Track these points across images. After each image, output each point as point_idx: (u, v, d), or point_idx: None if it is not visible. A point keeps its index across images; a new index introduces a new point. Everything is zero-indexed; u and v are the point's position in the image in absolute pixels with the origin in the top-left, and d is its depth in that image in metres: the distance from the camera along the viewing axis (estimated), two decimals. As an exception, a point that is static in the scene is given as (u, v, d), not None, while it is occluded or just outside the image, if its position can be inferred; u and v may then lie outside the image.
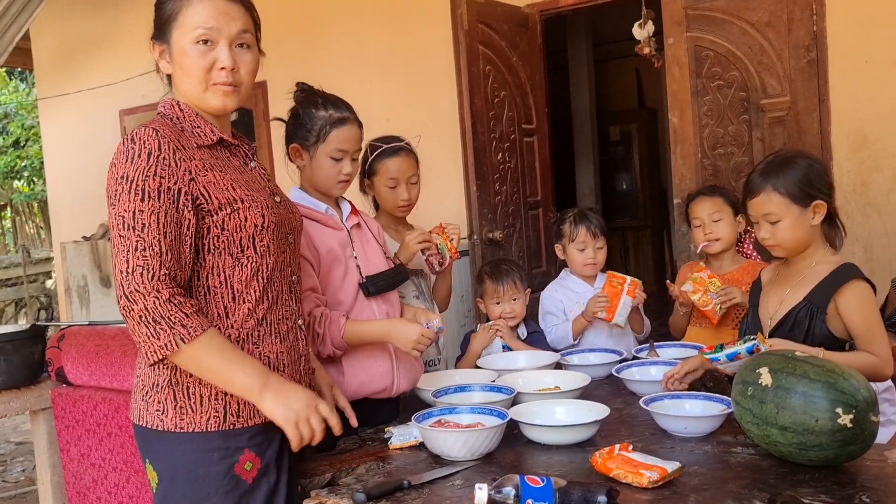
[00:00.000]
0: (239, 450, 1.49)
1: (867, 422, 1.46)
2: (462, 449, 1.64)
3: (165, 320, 1.36)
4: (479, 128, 3.87)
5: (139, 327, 1.37)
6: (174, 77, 1.56)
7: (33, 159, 11.53)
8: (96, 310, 5.58)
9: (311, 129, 1.97)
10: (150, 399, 1.49)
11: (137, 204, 1.37)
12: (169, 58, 1.54)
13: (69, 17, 6.44)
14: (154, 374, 1.48)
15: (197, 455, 1.47)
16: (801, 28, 3.60)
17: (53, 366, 2.68)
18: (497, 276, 2.67)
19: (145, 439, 1.53)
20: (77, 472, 2.65)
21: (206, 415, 1.47)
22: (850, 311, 1.89)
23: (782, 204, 1.91)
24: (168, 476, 1.50)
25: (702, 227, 2.66)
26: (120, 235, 1.37)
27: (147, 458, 1.54)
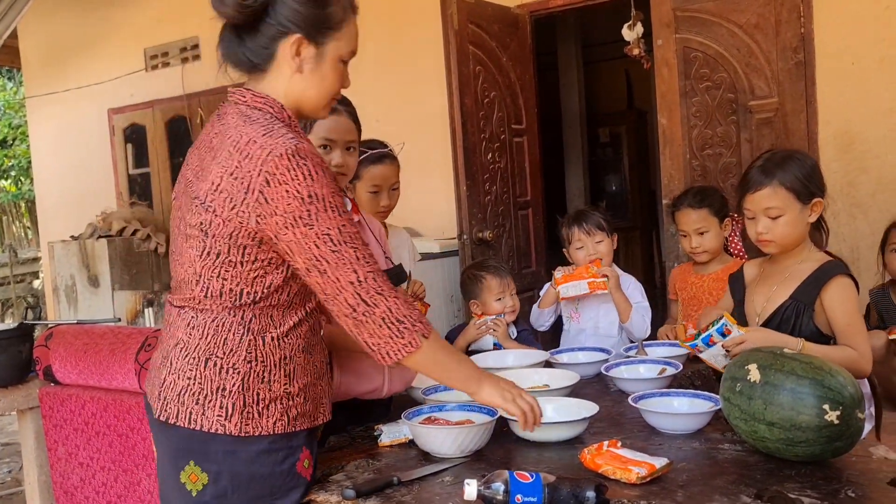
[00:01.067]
0: (299, 448, 1.51)
1: (853, 418, 1.48)
2: (452, 446, 1.64)
3: (407, 319, 1.40)
4: (469, 128, 3.88)
5: (380, 329, 1.39)
6: (298, 79, 1.48)
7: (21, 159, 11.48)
8: (84, 309, 5.55)
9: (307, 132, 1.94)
10: (211, 403, 1.44)
11: (337, 219, 1.37)
12: (307, 59, 1.46)
13: (57, 15, 6.41)
14: (220, 378, 1.44)
15: (262, 455, 1.46)
16: (788, 30, 3.63)
17: (41, 365, 2.67)
18: (498, 271, 2.73)
19: (195, 442, 1.46)
20: (64, 471, 2.64)
21: (273, 418, 1.46)
22: (832, 305, 1.90)
23: (786, 199, 1.92)
24: (226, 476, 1.46)
25: (688, 237, 2.70)
26: (333, 251, 1.37)
27: (192, 460, 1.47)
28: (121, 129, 6.28)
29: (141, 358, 2.37)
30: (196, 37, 5.76)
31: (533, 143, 4.42)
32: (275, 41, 1.45)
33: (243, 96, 1.48)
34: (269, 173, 1.34)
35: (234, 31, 1.47)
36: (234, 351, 1.45)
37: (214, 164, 1.42)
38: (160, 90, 5.95)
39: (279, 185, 1.34)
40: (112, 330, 2.61)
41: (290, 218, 1.35)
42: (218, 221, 1.39)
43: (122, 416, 2.43)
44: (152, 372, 1.57)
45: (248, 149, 1.38)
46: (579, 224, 2.79)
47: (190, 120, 5.86)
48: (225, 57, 1.50)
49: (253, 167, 1.36)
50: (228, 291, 1.43)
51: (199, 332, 1.47)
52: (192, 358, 1.46)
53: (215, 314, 1.46)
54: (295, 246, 1.36)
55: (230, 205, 1.38)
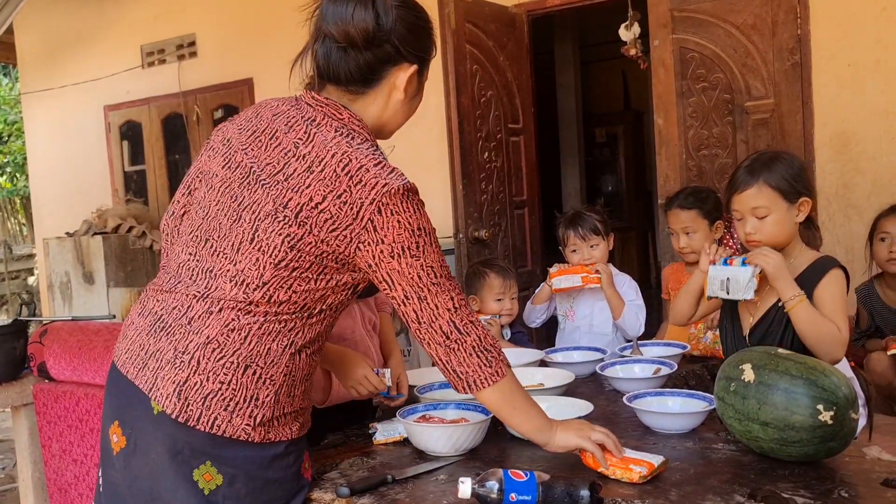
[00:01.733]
0: (303, 451, 1.53)
1: (847, 419, 1.48)
2: (446, 444, 1.64)
3: (494, 349, 1.44)
4: (465, 127, 3.88)
5: (470, 358, 1.42)
6: (399, 106, 1.51)
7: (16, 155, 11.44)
8: (79, 306, 5.54)
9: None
10: (240, 411, 1.40)
11: (439, 255, 1.43)
12: (410, 89, 1.50)
13: (53, 11, 6.39)
14: (255, 387, 1.41)
15: (277, 460, 1.46)
16: (785, 31, 3.64)
17: (35, 361, 2.66)
18: (502, 271, 2.73)
19: (213, 445, 1.42)
20: (58, 468, 2.63)
21: (289, 427, 1.47)
22: (822, 293, 1.91)
23: (772, 198, 1.93)
24: (242, 479, 1.43)
25: (676, 236, 2.71)
26: (434, 283, 1.41)
27: (209, 461, 1.42)
28: (117, 125, 6.27)
29: (135, 355, 2.36)
30: (193, 34, 5.75)
31: (529, 142, 4.42)
32: (386, 66, 1.45)
33: (340, 113, 1.45)
34: (383, 204, 1.36)
35: (343, 48, 1.44)
36: (275, 362, 1.42)
37: (311, 179, 1.38)
38: (156, 87, 5.94)
39: (391, 216, 1.36)
40: (106, 327, 2.60)
41: (399, 248, 1.37)
42: (310, 240, 1.37)
43: (117, 413, 2.43)
44: (157, 363, 1.45)
45: (359, 175, 1.37)
46: (574, 228, 2.79)
47: (186, 117, 5.85)
48: (324, 68, 1.47)
49: (366, 195, 1.36)
50: (293, 304, 1.41)
51: (240, 335, 1.41)
52: (229, 362, 1.40)
53: (262, 320, 1.41)
54: (397, 275, 1.39)
55: (331, 226, 1.37)
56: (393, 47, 1.44)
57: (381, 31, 1.41)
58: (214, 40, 5.66)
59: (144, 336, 1.47)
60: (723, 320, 2.16)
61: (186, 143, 5.93)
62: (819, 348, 1.83)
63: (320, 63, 1.47)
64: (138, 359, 1.46)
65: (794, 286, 1.88)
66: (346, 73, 1.45)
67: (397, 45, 1.44)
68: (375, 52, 1.43)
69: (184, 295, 1.46)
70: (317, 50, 1.47)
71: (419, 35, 1.47)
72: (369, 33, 1.40)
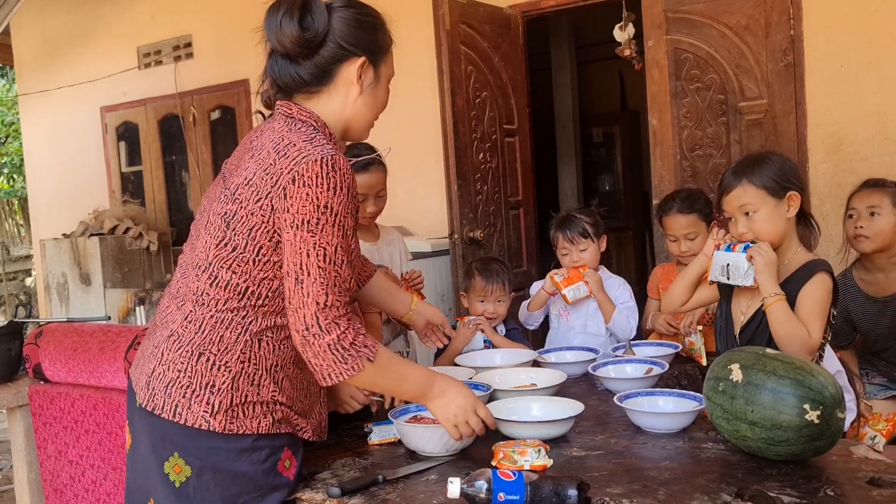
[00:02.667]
0: (281, 448, 1.53)
1: (833, 418, 1.50)
2: (437, 444, 1.65)
3: (353, 346, 1.43)
4: (460, 128, 3.89)
5: (326, 354, 1.42)
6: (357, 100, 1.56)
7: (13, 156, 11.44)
8: (76, 307, 5.54)
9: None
10: (198, 398, 1.45)
11: (339, 240, 1.42)
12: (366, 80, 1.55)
13: (50, 12, 6.40)
14: (210, 374, 1.45)
15: (245, 453, 1.48)
16: (778, 32, 3.66)
17: (31, 362, 2.67)
18: (488, 274, 2.71)
19: (179, 435, 1.47)
20: (54, 469, 2.64)
21: (257, 420, 1.48)
22: (803, 294, 1.93)
23: (758, 195, 1.96)
24: (209, 471, 1.47)
25: (676, 241, 2.71)
26: (320, 266, 1.40)
27: (176, 452, 1.48)
28: (113, 127, 6.28)
29: (130, 356, 2.37)
30: (189, 35, 5.75)
31: (524, 143, 4.43)
32: (336, 63, 1.52)
33: (290, 108, 1.54)
34: (298, 173, 1.40)
35: (287, 56, 1.52)
36: (228, 349, 1.46)
37: (252, 162, 1.48)
38: (153, 88, 5.95)
39: (302, 187, 1.39)
40: (102, 328, 2.61)
41: (299, 220, 1.39)
42: (242, 214, 1.44)
43: (112, 414, 2.43)
44: (141, 360, 1.56)
45: (286, 150, 1.44)
46: (563, 231, 2.78)
47: (182, 118, 5.85)
48: (275, 79, 1.55)
49: (285, 165, 1.42)
50: (234, 286, 1.46)
51: (195, 326, 1.48)
52: (185, 351, 1.47)
53: (215, 310, 1.47)
54: (289, 246, 1.41)
55: (255, 198, 1.43)
56: (335, 45, 1.51)
57: (313, 34, 1.49)
58: (210, 41, 5.67)
59: (146, 338, 1.59)
60: (717, 320, 2.18)
61: (183, 144, 5.94)
62: (786, 349, 1.84)
63: (274, 77, 1.55)
64: (137, 359, 1.58)
65: (776, 286, 1.91)
66: (294, 76, 1.52)
67: (339, 42, 1.51)
68: (320, 53, 1.50)
69: (167, 295, 1.59)
70: (269, 66, 1.56)
71: (362, 29, 1.53)
72: (301, 39, 1.48)
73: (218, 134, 5.81)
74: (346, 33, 1.51)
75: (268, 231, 1.44)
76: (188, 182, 6.03)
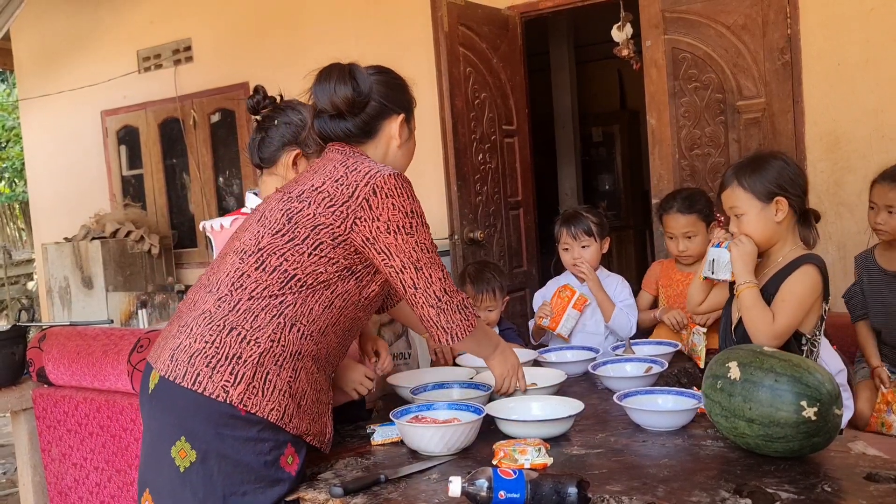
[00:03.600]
0: (284, 443, 1.58)
1: (830, 415, 1.51)
2: (439, 444, 1.67)
3: (470, 307, 1.72)
4: (459, 129, 3.90)
5: (456, 314, 1.67)
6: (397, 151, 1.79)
7: (14, 160, 11.46)
8: (78, 311, 5.56)
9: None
10: (221, 368, 1.52)
11: (428, 234, 1.67)
12: (403, 134, 1.79)
13: (50, 17, 6.41)
14: (239, 346, 1.54)
15: (249, 443, 1.53)
16: (775, 31, 3.67)
17: (34, 366, 2.69)
18: (479, 283, 2.73)
19: (191, 407, 1.53)
20: (58, 472, 2.66)
21: (272, 405, 1.54)
22: (783, 284, 1.97)
23: (744, 198, 2.01)
24: (213, 457, 1.53)
25: (675, 240, 2.72)
26: (427, 255, 1.65)
27: (183, 436, 1.54)
28: (114, 130, 6.29)
29: (134, 359, 2.39)
30: (188, 38, 5.77)
31: (524, 143, 4.45)
32: (378, 120, 1.75)
33: (343, 146, 1.73)
34: (377, 186, 1.60)
35: (336, 115, 1.72)
36: (261, 327, 1.56)
37: (315, 175, 1.66)
38: (153, 92, 5.97)
39: (385, 198, 1.60)
40: (105, 331, 2.63)
41: (394, 226, 1.60)
42: (308, 212, 1.60)
43: (115, 417, 2.45)
44: (164, 340, 1.64)
45: (355, 166, 1.64)
46: (568, 226, 2.81)
47: (183, 121, 5.87)
48: (323, 133, 1.76)
49: (360, 178, 1.61)
50: (282, 272, 1.58)
51: (230, 305, 1.58)
52: (216, 325, 1.56)
53: (252, 293, 1.58)
54: (395, 248, 1.61)
55: (328, 202, 1.60)
56: (378, 103, 1.74)
57: (361, 95, 1.72)
58: (210, 45, 5.68)
59: (170, 324, 1.69)
60: (722, 318, 2.21)
61: (183, 147, 5.96)
62: (751, 334, 1.95)
63: (321, 133, 1.77)
64: (159, 342, 1.67)
65: (748, 275, 1.99)
66: (347, 130, 1.73)
67: (381, 101, 1.75)
68: (366, 111, 1.73)
69: (196, 286, 1.70)
70: (314, 124, 1.77)
71: (397, 90, 1.80)
72: (351, 100, 1.70)
73: (218, 137, 5.83)
74: (385, 94, 1.75)
75: (333, 232, 1.59)
76: (189, 185, 6.04)
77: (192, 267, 6.01)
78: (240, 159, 5.67)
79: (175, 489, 1.56)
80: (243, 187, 5.68)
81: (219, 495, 1.53)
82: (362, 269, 1.65)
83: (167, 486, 1.57)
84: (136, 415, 2.38)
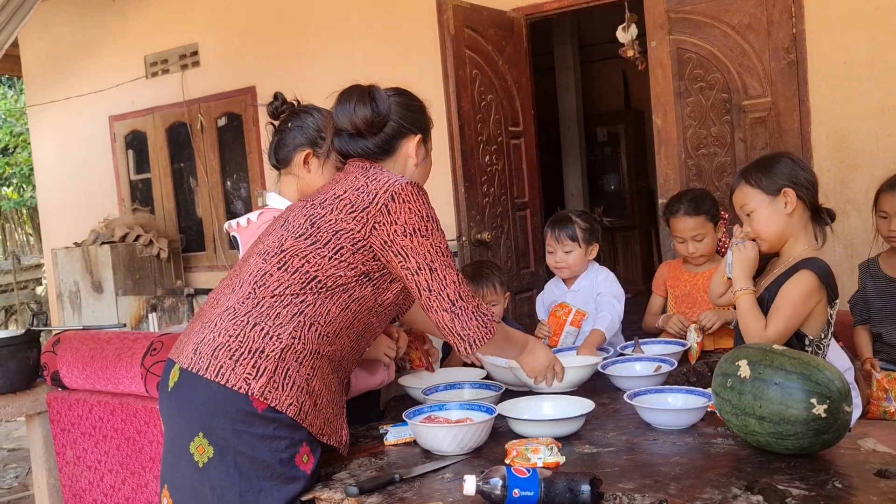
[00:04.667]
0: (300, 442, 1.60)
1: (840, 412, 1.52)
2: (451, 443, 1.69)
3: (489, 313, 1.72)
4: (466, 131, 3.92)
5: (471, 321, 1.68)
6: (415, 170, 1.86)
7: (22, 166, 11.52)
8: (88, 315, 5.59)
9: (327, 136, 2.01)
10: (244, 360, 1.57)
11: (443, 238, 1.72)
12: (420, 153, 1.86)
13: (58, 24, 6.46)
14: (262, 341, 1.58)
15: (265, 441, 1.56)
16: (780, 30, 3.68)
17: (49, 370, 2.71)
18: (477, 278, 2.72)
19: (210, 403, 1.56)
20: (73, 474, 2.68)
21: (291, 400, 1.58)
22: (780, 290, 1.98)
23: (752, 194, 2.02)
24: (230, 453, 1.56)
25: (684, 243, 2.72)
26: (442, 258, 1.69)
27: (201, 432, 1.57)
28: (122, 135, 6.33)
29: (147, 362, 2.41)
30: (195, 43, 5.80)
31: (530, 144, 4.46)
32: (396, 140, 1.82)
33: (363, 161, 1.80)
34: (396, 192, 1.66)
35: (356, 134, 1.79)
36: (283, 324, 1.60)
37: (337, 185, 1.73)
38: (160, 97, 6.00)
39: (403, 203, 1.66)
40: (118, 335, 2.65)
41: (411, 229, 1.66)
42: (331, 218, 1.66)
43: (129, 420, 2.48)
44: (185, 339, 1.68)
45: (375, 176, 1.71)
46: (553, 229, 2.77)
47: (190, 125, 5.90)
48: (343, 151, 1.83)
49: (380, 186, 1.68)
50: (304, 273, 1.64)
51: (253, 302, 1.63)
52: (240, 321, 1.61)
53: (275, 291, 1.63)
54: (410, 250, 1.66)
55: (349, 208, 1.67)
56: (397, 123, 1.81)
57: (380, 115, 1.79)
58: (217, 49, 5.72)
59: (193, 322, 1.74)
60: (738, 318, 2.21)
61: (191, 152, 5.99)
62: (746, 340, 1.96)
63: (340, 150, 1.84)
64: (181, 339, 1.71)
65: (746, 281, 2.02)
66: (366, 148, 1.80)
67: (399, 122, 1.82)
68: (385, 130, 1.80)
69: (218, 287, 1.76)
70: (334, 142, 1.85)
71: (414, 111, 1.86)
72: (371, 120, 1.77)
73: (225, 141, 5.86)
74: (403, 115, 1.82)
75: (353, 237, 1.65)
76: (196, 189, 6.08)
77: (201, 270, 6.04)
78: (247, 163, 5.70)
79: (194, 484, 1.59)
80: (251, 190, 5.70)
81: (236, 491, 1.56)
82: (379, 276, 1.70)
83: (186, 482, 1.60)
84: (149, 417, 2.40)
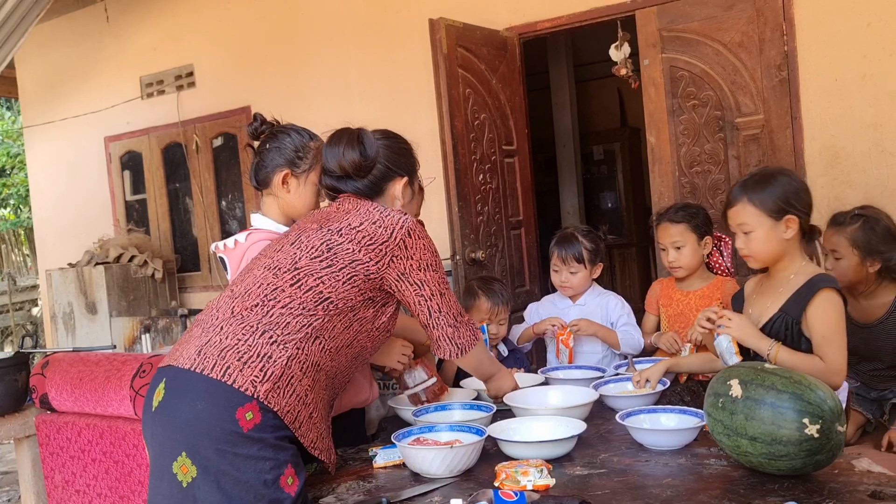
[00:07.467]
0: (285, 463, 1.59)
1: (833, 432, 1.51)
2: (440, 466, 1.66)
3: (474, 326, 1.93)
4: (459, 150, 3.92)
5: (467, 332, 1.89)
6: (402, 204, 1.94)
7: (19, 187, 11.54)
8: (82, 336, 5.56)
9: (305, 156, 2.04)
10: (252, 364, 1.60)
11: (443, 268, 1.87)
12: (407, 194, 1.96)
13: (54, 45, 6.48)
14: (270, 347, 1.62)
15: (250, 461, 1.55)
16: (772, 48, 3.69)
17: (38, 393, 2.68)
18: (493, 296, 2.73)
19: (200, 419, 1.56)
20: (62, 498, 2.65)
21: (289, 408, 1.60)
22: (813, 318, 1.93)
23: (754, 215, 1.98)
24: (213, 473, 1.54)
25: (665, 251, 2.72)
26: (446, 287, 1.86)
27: (184, 452, 1.56)
28: (117, 156, 6.33)
29: (136, 384, 2.39)
30: (191, 64, 5.82)
31: (524, 163, 4.46)
32: (385, 181, 1.91)
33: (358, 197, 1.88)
34: (411, 229, 1.78)
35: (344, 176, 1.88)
36: (291, 334, 1.65)
37: (350, 216, 1.79)
38: (156, 117, 6.01)
39: (417, 240, 1.79)
40: (107, 357, 2.63)
41: (425, 263, 1.80)
42: (349, 248, 1.73)
43: (118, 443, 2.45)
44: (181, 346, 1.68)
45: (387, 212, 1.80)
46: (559, 249, 2.82)
47: (186, 146, 5.90)
48: (331, 188, 1.92)
49: (396, 222, 1.77)
50: (318, 293, 1.69)
51: (263, 311, 1.67)
52: (249, 327, 1.65)
53: (286, 306, 1.67)
54: (426, 281, 1.80)
55: (368, 240, 1.74)
56: (384, 166, 1.91)
57: (368, 159, 1.88)
58: (212, 70, 5.73)
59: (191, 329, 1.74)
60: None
61: (186, 172, 5.99)
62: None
63: (327, 185, 1.94)
64: (178, 346, 1.71)
65: (763, 340, 1.96)
66: (354, 189, 1.89)
67: (387, 165, 1.91)
68: (373, 173, 1.89)
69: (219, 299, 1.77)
70: (322, 180, 1.95)
71: (401, 154, 1.96)
72: (359, 163, 1.87)
73: (221, 161, 5.86)
74: (390, 158, 1.92)
75: (367, 269, 1.73)
76: (192, 209, 6.07)
77: (196, 291, 6.02)
78: (242, 183, 5.70)
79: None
80: (246, 210, 5.70)
81: None
82: (380, 300, 1.79)
83: (169, 502, 1.58)
84: (138, 440, 2.38)
